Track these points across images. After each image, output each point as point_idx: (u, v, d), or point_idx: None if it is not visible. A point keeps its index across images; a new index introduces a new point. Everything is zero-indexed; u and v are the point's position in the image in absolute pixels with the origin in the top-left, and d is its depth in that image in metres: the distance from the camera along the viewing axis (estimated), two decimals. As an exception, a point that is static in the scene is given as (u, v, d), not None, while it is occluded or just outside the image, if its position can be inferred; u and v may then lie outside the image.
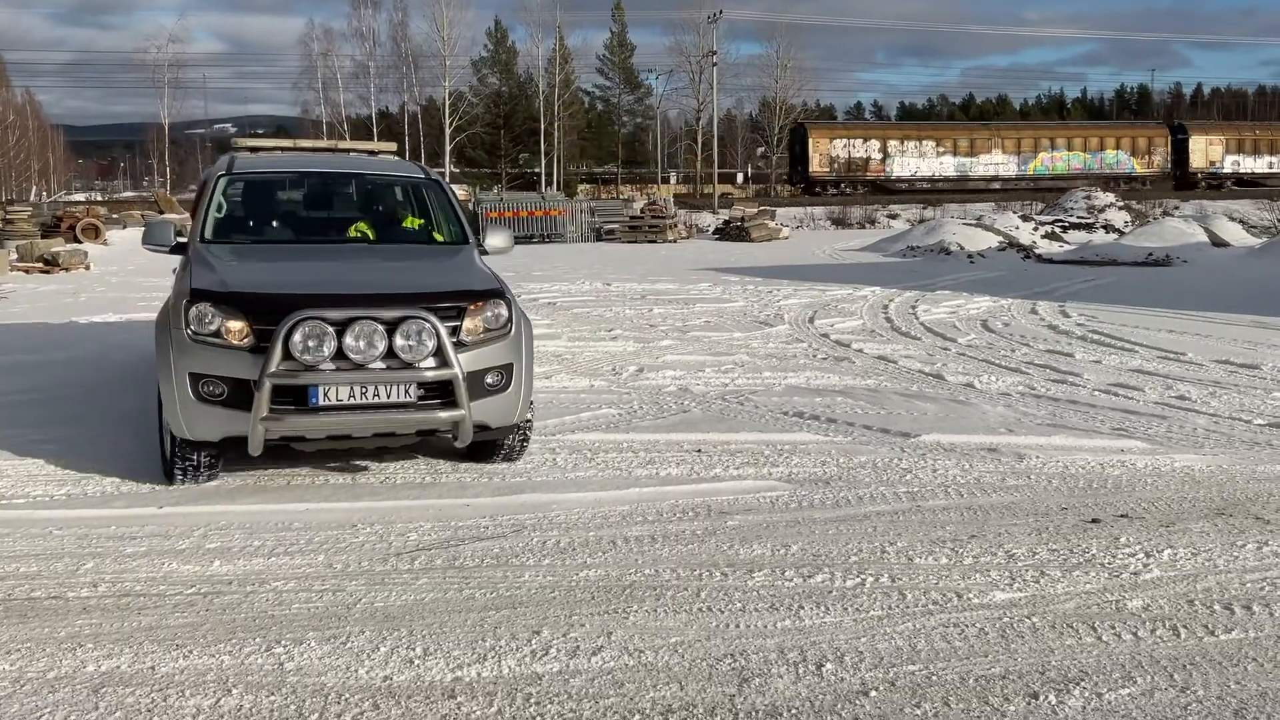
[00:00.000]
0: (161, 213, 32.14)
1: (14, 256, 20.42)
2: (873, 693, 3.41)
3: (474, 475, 5.95)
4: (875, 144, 60.77)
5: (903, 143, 61.40)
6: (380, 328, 5.20)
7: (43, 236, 24.41)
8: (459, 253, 6.58)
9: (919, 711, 3.29)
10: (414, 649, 3.72)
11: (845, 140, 60.83)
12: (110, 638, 3.81)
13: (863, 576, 4.39)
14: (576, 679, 3.51)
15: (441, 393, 5.35)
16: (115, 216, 31.83)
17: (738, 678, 3.52)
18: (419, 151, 57.36)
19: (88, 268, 20.76)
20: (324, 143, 8.73)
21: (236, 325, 5.22)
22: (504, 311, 5.65)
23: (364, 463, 6.10)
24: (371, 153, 7.98)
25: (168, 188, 58.09)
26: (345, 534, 4.94)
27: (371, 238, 6.88)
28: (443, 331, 5.27)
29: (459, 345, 5.39)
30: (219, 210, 6.64)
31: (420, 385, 5.30)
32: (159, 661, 3.62)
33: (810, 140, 60.09)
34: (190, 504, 5.38)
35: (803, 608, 4.08)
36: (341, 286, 5.60)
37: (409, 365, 5.25)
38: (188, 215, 7.31)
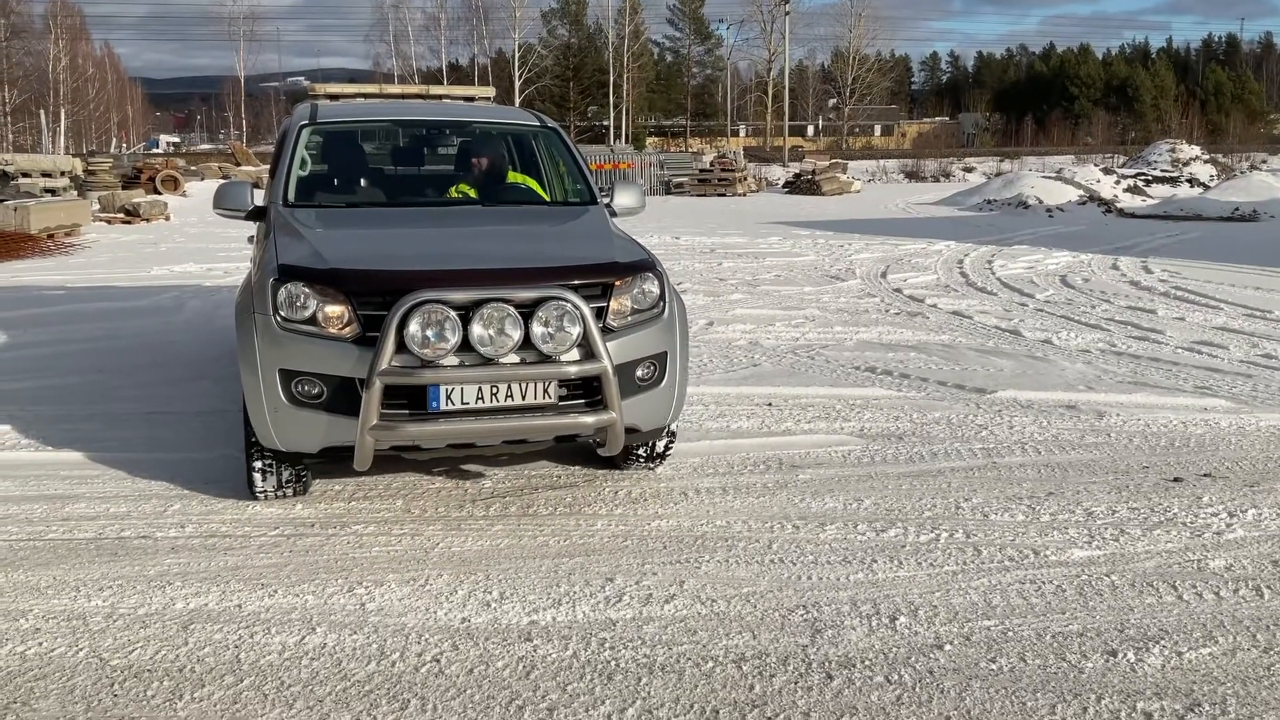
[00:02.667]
0: (238, 164, 32.65)
1: (96, 207, 20.90)
2: (947, 646, 3.40)
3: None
4: None
5: None
6: (514, 312, 4.28)
7: (123, 188, 24.96)
8: (588, 215, 5.68)
9: (995, 666, 3.28)
10: (491, 592, 3.79)
11: None
12: (198, 576, 3.93)
13: (937, 532, 4.36)
14: (650, 625, 3.55)
15: (586, 391, 4.47)
16: (193, 168, 32.38)
17: (810, 629, 3.53)
18: (488, 104, 57.52)
19: (167, 218, 21.20)
20: (414, 88, 7.72)
21: (336, 311, 4.31)
22: (655, 288, 4.73)
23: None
24: (469, 98, 7.21)
25: (244, 140, 59.00)
26: (422, 480, 5.03)
27: (477, 197, 5.96)
28: (589, 316, 4.35)
29: (605, 331, 4.47)
30: (303, 167, 5.75)
31: (562, 383, 4.43)
32: (245, 600, 3.73)
33: None
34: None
35: (875, 561, 4.08)
36: (463, 260, 4.66)
37: (548, 359, 4.34)
38: (265, 169, 6.41)
